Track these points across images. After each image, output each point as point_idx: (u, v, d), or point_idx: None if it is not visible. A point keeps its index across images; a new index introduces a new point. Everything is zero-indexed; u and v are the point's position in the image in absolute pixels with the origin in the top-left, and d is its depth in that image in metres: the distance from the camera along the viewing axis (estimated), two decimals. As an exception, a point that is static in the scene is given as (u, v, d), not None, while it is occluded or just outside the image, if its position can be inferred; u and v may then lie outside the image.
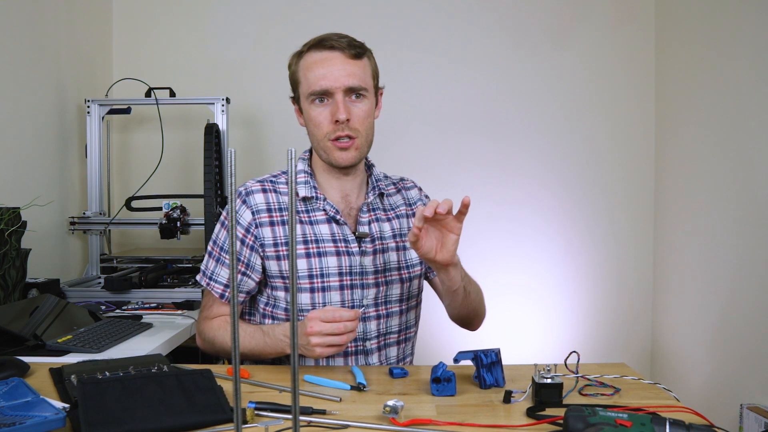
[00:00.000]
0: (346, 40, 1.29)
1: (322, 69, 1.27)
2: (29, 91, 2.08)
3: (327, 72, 1.26)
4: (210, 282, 1.36)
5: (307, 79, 1.29)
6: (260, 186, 1.35)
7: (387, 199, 1.44)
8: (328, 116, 1.28)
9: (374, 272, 1.35)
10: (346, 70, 1.27)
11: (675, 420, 0.84)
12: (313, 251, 1.31)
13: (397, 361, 1.41)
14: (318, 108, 1.29)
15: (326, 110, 1.28)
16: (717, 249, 2.15)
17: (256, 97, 2.65)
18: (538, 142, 2.68)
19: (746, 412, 1.83)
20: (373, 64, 1.35)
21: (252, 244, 1.32)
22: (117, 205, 2.46)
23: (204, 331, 1.37)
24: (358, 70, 1.28)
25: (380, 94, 1.39)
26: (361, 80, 1.29)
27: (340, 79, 1.26)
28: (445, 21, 2.67)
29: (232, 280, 0.61)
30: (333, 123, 1.28)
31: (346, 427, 0.95)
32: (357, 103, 1.29)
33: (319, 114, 1.29)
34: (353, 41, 1.30)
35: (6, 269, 1.64)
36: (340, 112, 1.26)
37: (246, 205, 1.32)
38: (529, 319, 2.68)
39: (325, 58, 1.27)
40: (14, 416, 0.88)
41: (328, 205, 1.34)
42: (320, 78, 1.27)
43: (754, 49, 1.94)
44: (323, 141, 1.30)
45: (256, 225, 1.31)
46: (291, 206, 0.59)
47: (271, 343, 1.24)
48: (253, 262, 1.32)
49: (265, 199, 1.33)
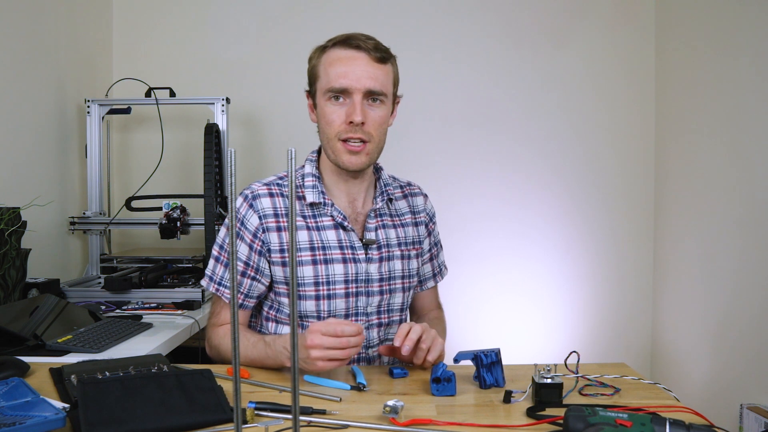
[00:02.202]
0: (372, 42, 1.26)
1: (344, 67, 1.24)
2: (29, 91, 2.08)
3: (349, 71, 1.24)
4: (219, 288, 1.33)
5: (327, 75, 1.26)
6: (267, 190, 1.32)
7: (394, 204, 1.43)
8: (343, 115, 1.25)
9: (379, 280, 1.34)
10: (369, 73, 1.24)
11: (675, 420, 0.84)
12: (320, 258, 1.29)
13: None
14: (333, 106, 1.26)
15: (342, 109, 1.26)
16: (717, 249, 2.15)
17: (256, 97, 2.65)
18: (538, 142, 2.68)
19: (746, 412, 1.83)
20: (396, 71, 1.32)
21: (260, 249, 1.30)
22: (117, 205, 2.46)
23: (211, 337, 1.36)
24: (381, 74, 1.26)
25: (397, 103, 1.36)
26: (383, 85, 1.26)
27: (362, 80, 1.23)
28: (445, 21, 2.67)
29: (233, 281, 0.60)
30: (347, 123, 1.25)
31: (346, 427, 0.95)
32: (374, 107, 1.27)
33: (333, 112, 1.26)
34: (380, 45, 1.27)
35: (6, 269, 1.64)
36: (357, 114, 1.23)
37: (253, 209, 1.30)
38: (529, 319, 2.68)
39: (350, 56, 1.25)
40: (14, 416, 0.88)
41: (335, 211, 1.32)
42: (341, 76, 1.24)
43: (754, 49, 1.94)
44: (333, 140, 1.27)
45: (263, 230, 1.29)
46: (291, 206, 0.59)
47: (272, 354, 1.21)
48: (262, 267, 1.31)
49: (272, 203, 1.31)
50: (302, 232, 1.30)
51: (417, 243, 1.44)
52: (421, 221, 1.47)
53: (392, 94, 1.32)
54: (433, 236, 1.50)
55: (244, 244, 1.30)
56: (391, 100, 1.32)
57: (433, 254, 1.51)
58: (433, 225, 1.51)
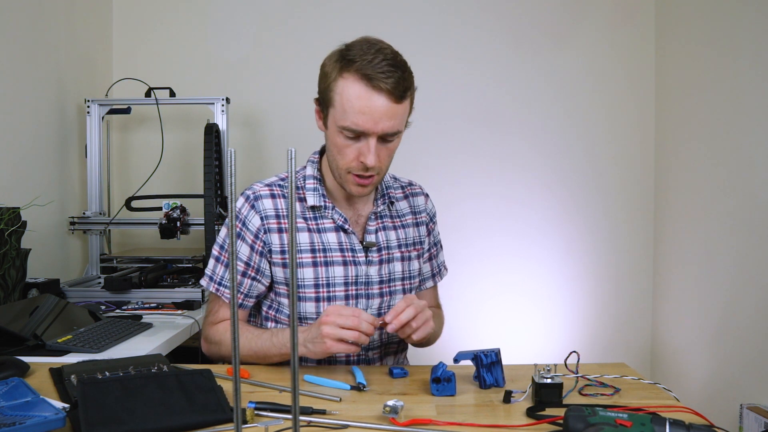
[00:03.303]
0: (393, 79, 1.17)
1: (362, 109, 1.18)
2: (29, 91, 2.08)
3: (367, 116, 1.18)
4: (219, 288, 1.33)
5: (344, 110, 1.19)
6: (268, 191, 1.32)
7: (395, 205, 1.43)
8: (356, 152, 1.22)
9: (379, 282, 1.35)
10: (387, 115, 1.18)
11: (675, 420, 0.84)
12: (320, 260, 1.30)
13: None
14: (347, 141, 1.22)
15: (355, 145, 1.22)
16: (717, 249, 2.15)
17: (256, 97, 2.65)
18: (538, 142, 2.68)
19: (746, 412, 1.83)
20: (412, 100, 1.27)
21: (261, 250, 1.30)
22: (117, 205, 2.46)
23: (210, 335, 1.35)
24: (399, 113, 1.21)
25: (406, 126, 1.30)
26: (399, 125, 1.22)
27: (379, 124, 1.18)
28: (445, 21, 2.67)
29: (232, 280, 0.60)
30: (358, 161, 1.22)
31: (346, 427, 0.95)
32: (387, 144, 1.24)
33: (347, 146, 1.22)
34: (400, 81, 1.19)
35: (6, 269, 1.64)
36: (370, 159, 1.20)
37: (255, 210, 1.30)
38: (529, 319, 2.68)
39: (370, 98, 1.17)
40: (14, 416, 0.88)
41: (336, 214, 1.32)
42: (358, 119, 1.18)
43: (754, 49, 1.94)
44: (343, 170, 1.25)
45: (265, 231, 1.30)
46: (291, 207, 0.59)
47: (277, 343, 1.22)
48: (263, 267, 1.31)
49: (274, 204, 1.30)
50: (303, 233, 1.30)
51: (418, 244, 1.44)
52: (422, 221, 1.47)
53: (406, 123, 1.27)
54: (432, 236, 1.50)
55: (245, 244, 1.30)
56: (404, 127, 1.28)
57: (432, 254, 1.51)
58: (434, 225, 1.51)
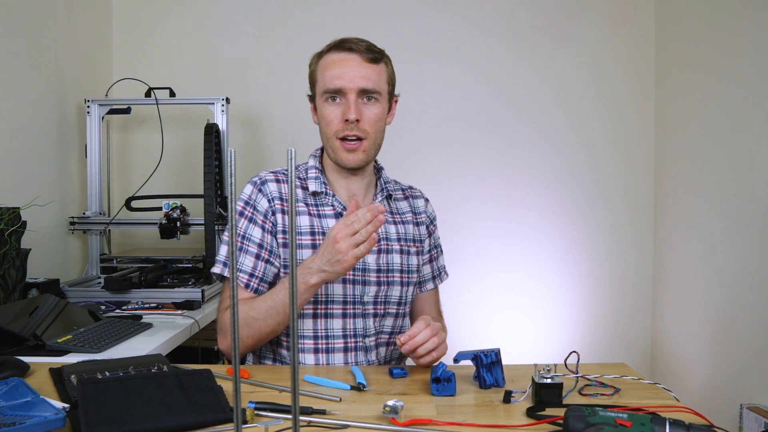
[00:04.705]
0: (365, 44, 1.33)
1: (338, 69, 1.31)
2: (29, 91, 2.08)
3: (342, 72, 1.30)
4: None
5: (323, 78, 1.33)
6: (274, 176, 1.38)
7: (394, 203, 1.47)
8: (339, 115, 1.31)
9: (377, 271, 1.37)
10: (362, 73, 1.30)
11: (675, 420, 0.84)
12: (319, 243, 1.32)
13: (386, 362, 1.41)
14: (330, 106, 1.32)
15: (338, 109, 1.32)
16: (717, 249, 2.15)
17: (256, 97, 2.65)
18: (538, 142, 2.68)
19: (746, 412, 1.83)
20: (390, 70, 1.38)
21: (271, 229, 1.34)
22: (117, 205, 2.46)
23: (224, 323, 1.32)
24: (374, 73, 1.32)
25: (395, 102, 1.42)
26: (375, 84, 1.32)
27: (355, 80, 1.30)
28: (445, 21, 2.67)
29: (232, 272, 0.61)
30: (343, 122, 1.31)
31: (346, 427, 0.95)
32: (369, 106, 1.33)
33: (330, 112, 1.32)
34: (372, 46, 1.34)
35: (6, 269, 1.64)
36: (351, 112, 1.29)
37: (262, 193, 1.36)
38: (529, 319, 2.68)
39: (343, 59, 1.32)
40: (14, 416, 0.88)
41: (336, 201, 1.38)
42: (335, 77, 1.30)
43: (754, 48, 1.94)
44: (332, 139, 1.33)
45: (272, 212, 1.35)
46: (291, 206, 0.59)
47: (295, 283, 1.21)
48: (274, 247, 1.34)
49: (278, 188, 1.36)
50: (304, 216, 1.35)
51: (418, 241, 1.46)
52: (422, 222, 1.50)
53: (388, 92, 1.37)
54: (433, 238, 1.53)
55: (257, 227, 1.34)
56: (387, 98, 1.37)
57: (432, 256, 1.52)
58: (434, 228, 1.54)
